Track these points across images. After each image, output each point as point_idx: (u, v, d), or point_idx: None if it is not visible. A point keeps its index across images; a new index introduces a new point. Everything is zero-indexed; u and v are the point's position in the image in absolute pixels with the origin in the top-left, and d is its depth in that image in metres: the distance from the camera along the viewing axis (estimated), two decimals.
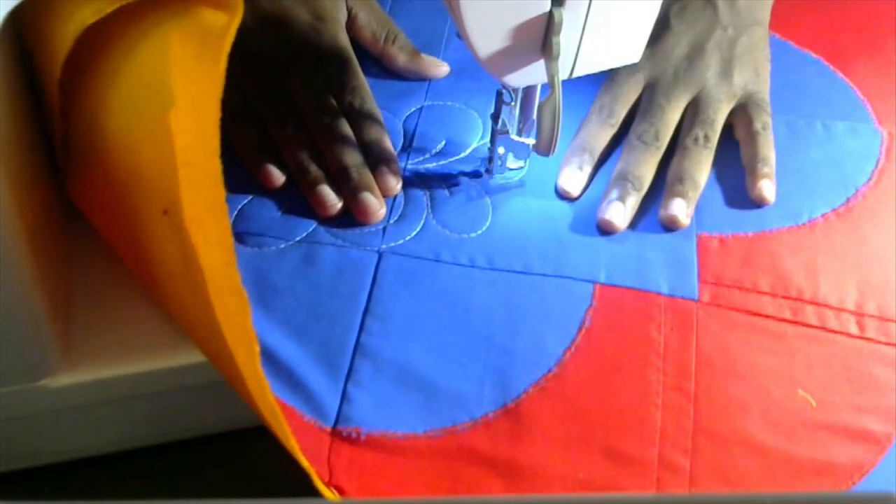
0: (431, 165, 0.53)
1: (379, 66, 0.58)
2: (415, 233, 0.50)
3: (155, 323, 0.47)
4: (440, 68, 0.58)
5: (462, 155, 0.54)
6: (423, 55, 0.58)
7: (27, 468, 0.49)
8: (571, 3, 0.42)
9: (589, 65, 0.46)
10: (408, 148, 0.54)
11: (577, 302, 0.47)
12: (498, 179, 0.53)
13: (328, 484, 0.40)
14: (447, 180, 0.53)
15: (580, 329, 0.46)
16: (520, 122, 0.50)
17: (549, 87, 0.44)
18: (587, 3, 0.42)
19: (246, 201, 0.50)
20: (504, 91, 0.48)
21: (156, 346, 0.46)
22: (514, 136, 0.50)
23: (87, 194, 0.46)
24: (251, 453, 0.49)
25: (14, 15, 0.38)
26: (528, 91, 0.48)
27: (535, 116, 0.48)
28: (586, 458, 0.42)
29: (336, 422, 0.42)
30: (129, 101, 0.40)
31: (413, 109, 0.56)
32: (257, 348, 0.35)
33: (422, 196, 0.52)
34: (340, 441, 0.42)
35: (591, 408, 0.43)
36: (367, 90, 0.54)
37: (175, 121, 0.35)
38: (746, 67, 0.55)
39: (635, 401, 0.44)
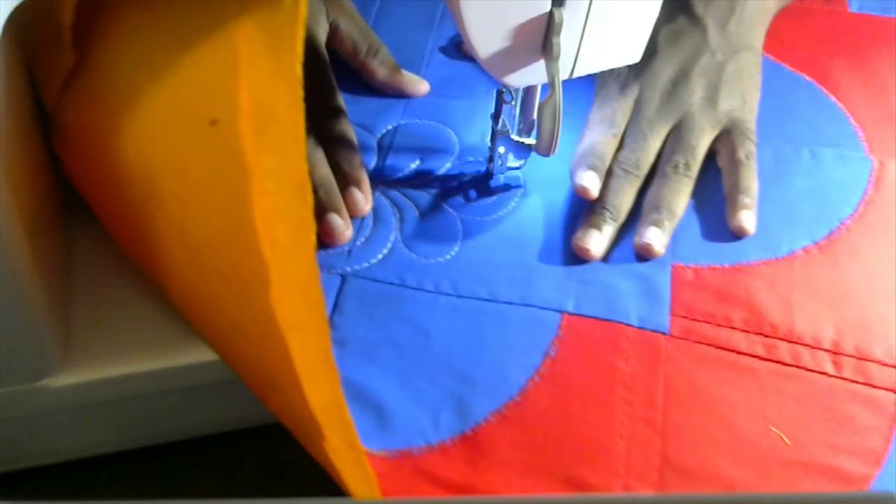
0: (404, 186, 0.52)
1: (358, 80, 0.58)
2: (381, 256, 0.49)
3: (155, 323, 0.47)
4: (419, 86, 0.57)
5: (437, 174, 0.53)
6: (404, 72, 0.57)
7: (27, 468, 0.49)
8: (571, 3, 0.42)
9: (589, 65, 0.46)
10: (381, 167, 0.53)
11: (542, 331, 0.46)
12: (500, 179, 0.52)
13: None
14: (418, 202, 0.52)
15: (544, 358, 0.45)
16: (520, 122, 0.50)
17: (549, 87, 0.44)
18: (587, 3, 0.42)
19: None
20: (504, 91, 0.48)
21: (156, 346, 0.46)
22: (514, 136, 0.50)
23: (86, 161, 0.43)
24: (251, 454, 0.49)
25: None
26: (528, 91, 0.48)
27: (535, 116, 0.48)
28: (547, 486, 0.41)
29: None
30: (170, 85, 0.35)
31: (389, 127, 0.56)
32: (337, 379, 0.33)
33: (391, 218, 0.51)
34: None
35: (553, 437, 0.42)
36: (344, 110, 0.53)
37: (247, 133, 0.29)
38: (733, 94, 0.54)
39: (600, 431, 0.43)
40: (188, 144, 0.34)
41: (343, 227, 0.49)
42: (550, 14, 0.42)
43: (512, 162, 0.52)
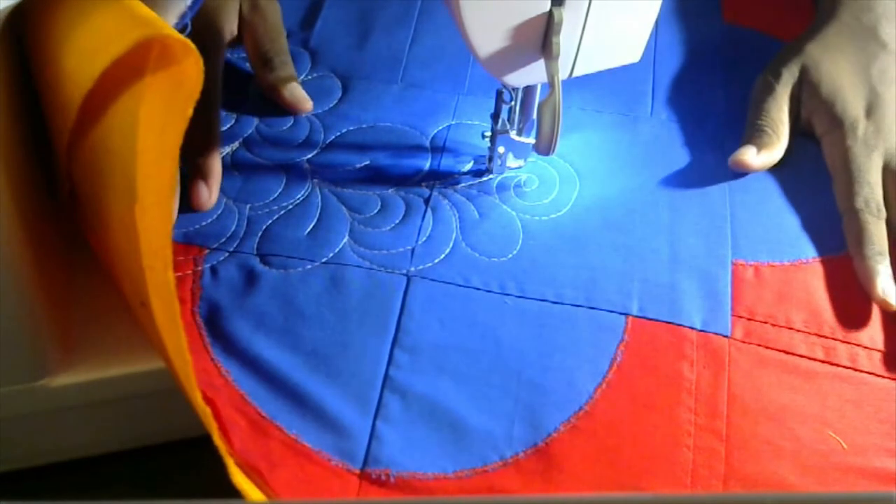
0: (459, 186, 0.52)
1: (404, 81, 0.57)
2: (444, 255, 0.48)
3: None
4: (303, 104, 0.55)
5: (493, 174, 0.52)
6: (291, 88, 0.55)
7: (27, 468, 0.49)
8: (571, 2, 0.42)
9: (589, 65, 0.46)
10: (436, 167, 0.53)
11: (609, 335, 0.45)
12: (522, 200, 0.52)
13: None
14: (476, 202, 0.51)
15: (611, 365, 0.44)
16: (520, 121, 0.50)
17: (549, 86, 0.44)
18: (587, 3, 0.42)
19: (271, 221, 0.49)
20: (504, 90, 0.48)
21: None
22: (514, 136, 0.50)
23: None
24: None
25: (13, 20, 0.38)
26: (528, 91, 0.48)
27: (535, 116, 0.48)
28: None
29: (364, 463, 0.41)
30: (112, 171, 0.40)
31: (441, 127, 0.55)
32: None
33: (450, 217, 0.50)
34: (369, 483, 0.41)
35: (621, 449, 0.42)
36: (216, 96, 0.52)
37: (140, 217, 0.35)
38: None
39: (667, 442, 0.42)
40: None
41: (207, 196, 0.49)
42: (550, 13, 0.42)
43: (511, 161, 0.52)
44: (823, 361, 0.45)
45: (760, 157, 0.52)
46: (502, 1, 0.41)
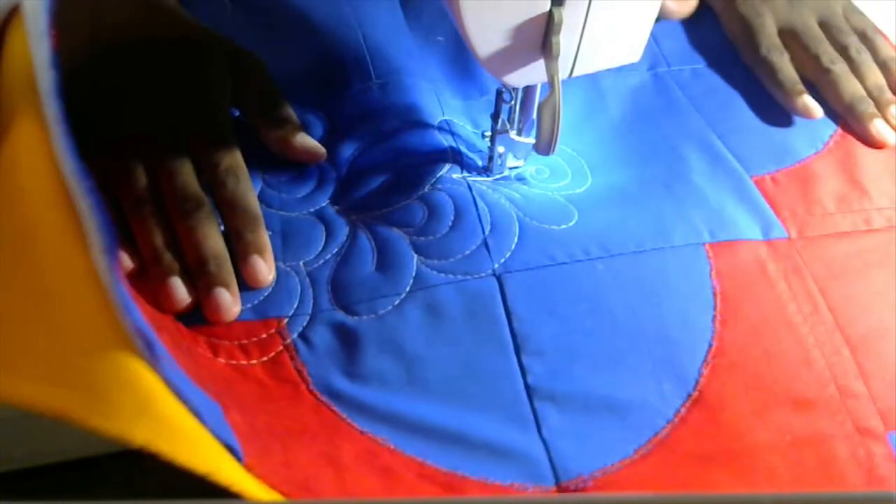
0: (506, 172, 0.52)
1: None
2: (517, 238, 0.47)
3: None
4: (316, 153, 0.52)
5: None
6: (299, 138, 0.51)
7: (27, 468, 0.49)
8: (571, 2, 0.42)
9: (589, 64, 0.46)
10: (458, 157, 0.51)
11: (700, 266, 0.47)
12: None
13: None
14: (510, 186, 0.51)
15: (714, 294, 0.46)
16: (520, 121, 0.50)
17: (549, 86, 0.44)
18: (587, 3, 0.42)
19: (330, 271, 0.46)
20: (504, 90, 0.48)
21: None
22: (514, 136, 0.50)
23: None
24: None
25: None
26: (528, 91, 0.48)
27: (535, 116, 0.48)
28: (783, 418, 0.42)
29: (556, 478, 0.40)
30: None
31: (442, 119, 0.54)
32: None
33: (499, 199, 0.49)
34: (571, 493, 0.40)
35: (760, 372, 0.43)
36: (244, 169, 0.48)
37: None
38: None
39: (795, 349, 0.44)
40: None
41: (231, 303, 0.43)
42: (550, 13, 0.42)
43: (511, 161, 0.52)
44: (872, 231, 0.50)
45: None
46: (502, 1, 0.41)
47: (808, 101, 0.57)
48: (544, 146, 0.47)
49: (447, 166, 0.51)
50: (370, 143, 0.52)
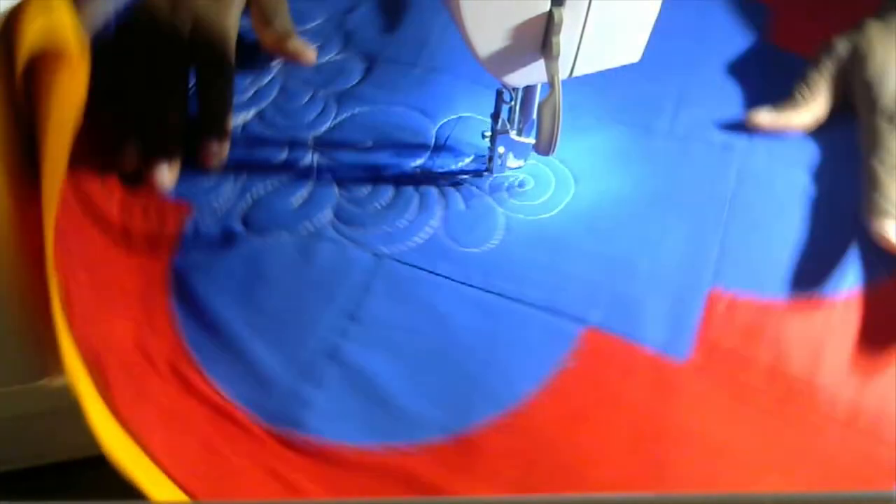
0: (455, 177, 0.52)
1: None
2: (420, 240, 0.49)
3: None
4: (306, 54, 0.56)
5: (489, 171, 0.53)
6: (293, 40, 0.57)
7: (27, 468, 0.49)
8: (571, 2, 0.42)
9: (589, 65, 0.46)
10: (434, 156, 0.53)
11: (558, 341, 0.45)
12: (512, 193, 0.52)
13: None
14: (465, 194, 0.51)
15: (555, 371, 0.44)
16: (520, 121, 0.50)
17: (549, 86, 0.44)
18: (587, 3, 0.42)
19: (265, 191, 0.51)
20: (504, 90, 0.48)
21: None
22: (514, 136, 0.50)
23: None
24: None
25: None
26: (528, 91, 0.48)
27: (535, 116, 0.48)
28: None
29: (285, 425, 0.43)
30: None
31: (451, 118, 0.55)
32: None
33: (436, 206, 0.51)
34: (282, 446, 0.42)
35: (548, 455, 0.42)
36: (231, 69, 0.54)
37: None
38: None
39: (595, 456, 0.42)
40: None
41: (168, 178, 0.50)
42: (550, 13, 0.42)
43: (511, 162, 0.52)
44: (780, 403, 0.43)
45: (772, 115, 0.52)
46: (502, 1, 0.41)
47: (891, 232, 0.47)
48: (544, 146, 0.47)
49: (421, 162, 0.53)
50: (378, 108, 0.56)
